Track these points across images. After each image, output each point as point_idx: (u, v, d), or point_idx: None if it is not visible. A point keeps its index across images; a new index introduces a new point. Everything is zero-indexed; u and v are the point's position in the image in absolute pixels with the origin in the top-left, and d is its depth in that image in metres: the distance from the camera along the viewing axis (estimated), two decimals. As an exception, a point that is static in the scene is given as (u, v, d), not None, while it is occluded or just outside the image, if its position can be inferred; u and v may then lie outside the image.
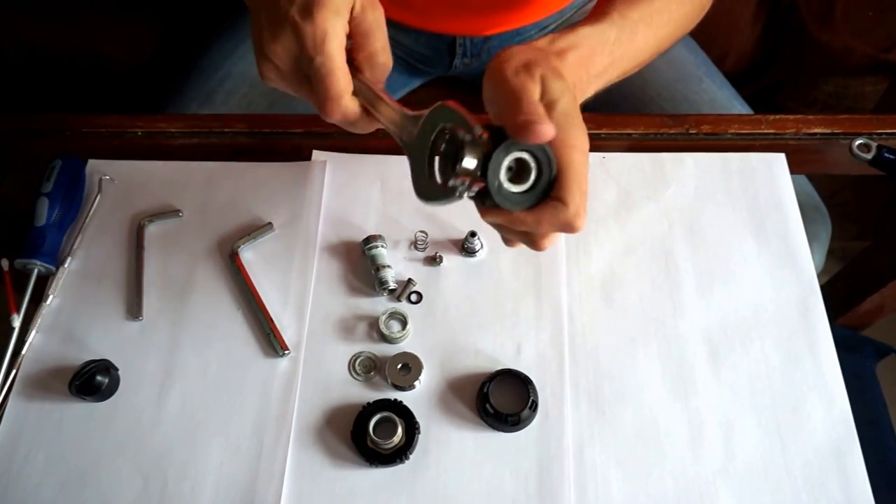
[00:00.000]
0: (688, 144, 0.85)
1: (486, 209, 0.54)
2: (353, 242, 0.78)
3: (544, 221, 0.53)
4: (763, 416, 0.68)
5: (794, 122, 0.85)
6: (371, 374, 0.70)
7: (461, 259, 0.77)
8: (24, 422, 0.69)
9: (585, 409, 0.68)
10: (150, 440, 0.67)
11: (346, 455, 0.66)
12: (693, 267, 0.76)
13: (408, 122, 0.57)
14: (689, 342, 0.72)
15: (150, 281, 0.76)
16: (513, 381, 0.68)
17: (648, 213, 0.79)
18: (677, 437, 0.67)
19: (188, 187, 0.82)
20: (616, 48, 0.66)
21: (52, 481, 0.66)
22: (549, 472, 0.65)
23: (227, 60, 1.01)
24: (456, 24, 1.00)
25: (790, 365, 0.70)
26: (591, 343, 0.72)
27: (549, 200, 0.53)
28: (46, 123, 0.87)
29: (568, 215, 0.52)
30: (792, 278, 0.75)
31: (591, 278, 0.75)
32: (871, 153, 0.79)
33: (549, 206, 0.53)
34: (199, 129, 0.86)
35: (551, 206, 0.53)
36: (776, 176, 0.82)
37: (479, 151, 0.51)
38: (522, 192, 0.53)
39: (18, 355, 0.71)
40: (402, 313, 0.72)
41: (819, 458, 0.66)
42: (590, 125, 0.83)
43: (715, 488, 0.65)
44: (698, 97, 1.01)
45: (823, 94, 1.28)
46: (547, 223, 0.53)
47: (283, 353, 0.71)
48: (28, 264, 0.74)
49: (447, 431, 0.67)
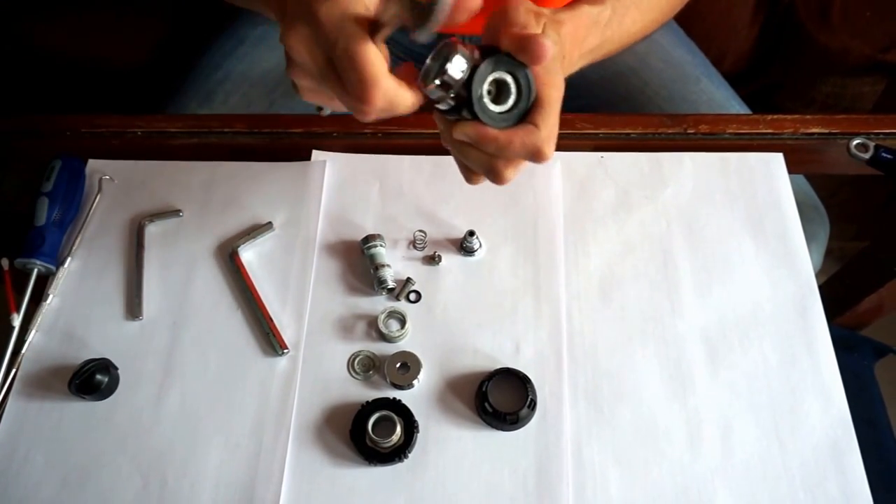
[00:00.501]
0: (686, 144, 0.85)
1: (460, 123, 0.55)
2: (352, 242, 0.78)
3: (516, 141, 0.54)
4: (761, 415, 0.68)
5: (792, 122, 0.85)
6: (370, 373, 0.70)
7: (460, 258, 0.77)
8: (24, 421, 0.69)
9: (584, 408, 0.68)
10: (150, 439, 0.68)
11: (345, 453, 0.67)
12: (691, 266, 0.76)
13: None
14: (687, 341, 0.72)
15: (150, 280, 0.76)
16: (511, 380, 0.68)
17: (647, 212, 0.80)
18: (675, 437, 0.67)
19: (188, 187, 0.82)
20: (607, 29, 0.68)
21: (51, 480, 0.66)
22: (548, 470, 0.65)
23: (226, 60, 1.01)
24: (455, 24, 1.00)
25: (788, 364, 0.70)
26: (590, 342, 0.72)
27: (523, 123, 0.55)
28: (46, 123, 0.87)
29: (539, 138, 0.54)
30: (790, 278, 0.75)
31: (589, 277, 0.76)
32: (869, 153, 0.79)
33: (523, 128, 0.55)
34: (198, 128, 0.87)
35: (524, 128, 0.55)
36: (774, 176, 0.82)
37: (468, 62, 0.52)
38: (500, 112, 0.55)
39: (18, 354, 0.71)
40: (401, 312, 0.73)
41: (817, 457, 0.66)
42: (588, 125, 0.85)
43: (713, 487, 0.65)
44: (696, 97, 1.01)
45: (822, 94, 1.28)
46: (518, 145, 0.55)
47: (283, 352, 0.71)
48: (28, 264, 0.75)
49: (446, 430, 0.68)
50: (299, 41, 0.54)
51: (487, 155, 0.57)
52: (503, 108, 0.55)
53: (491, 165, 0.57)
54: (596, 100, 1.02)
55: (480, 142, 0.55)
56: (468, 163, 0.59)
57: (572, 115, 0.85)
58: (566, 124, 0.84)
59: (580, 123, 0.85)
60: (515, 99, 0.55)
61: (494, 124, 0.54)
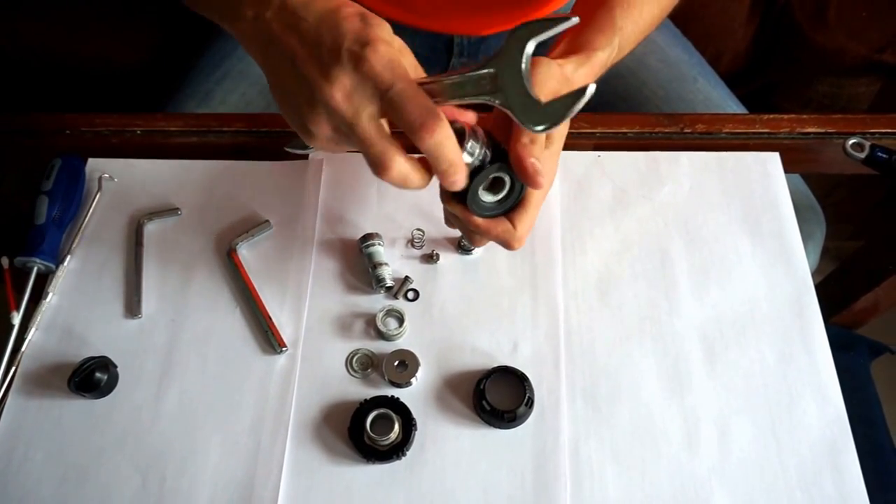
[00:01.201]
0: (683, 143, 0.85)
1: (452, 201, 0.61)
2: (350, 240, 0.78)
3: (492, 232, 0.62)
4: (758, 413, 0.68)
5: (789, 122, 0.85)
6: (368, 371, 0.71)
7: (458, 257, 0.77)
8: (24, 418, 0.69)
9: (581, 406, 0.69)
10: (149, 436, 0.68)
11: (344, 451, 0.67)
12: (688, 265, 0.76)
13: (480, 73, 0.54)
14: (684, 340, 0.72)
15: (149, 278, 0.76)
16: (509, 379, 0.69)
17: (644, 211, 0.80)
18: (673, 435, 0.67)
19: (187, 186, 0.82)
20: (609, 61, 0.70)
21: (51, 477, 0.66)
22: (545, 468, 0.66)
23: (225, 60, 1.01)
24: (454, 24, 1.01)
25: (785, 363, 0.71)
26: (587, 340, 0.72)
27: (503, 219, 0.62)
28: (46, 122, 0.87)
29: (513, 236, 0.62)
30: (786, 277, 0.76)
31: (586, 276, 0.76)
32: (865, 152, 0.80)
33: (502, 223, 0.62)
34: (197, 128, 0.87)
35: (503, 224, 0.62)
36: (771, 175, 0.82)
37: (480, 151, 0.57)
38: (488, 202, 0.61)
39: (18, 352, 0.71)
40: (399, 311, 0.73)
41: (813, 456, 0.66)
42: (585, 124, 0.85)
43: (710, 485, 0.65)
44: (693, 97, 1.01)
45: (818, 94, 1.28)
46: (493, 234, 0.62)
47: (281, 350, 0.71)
48: (28, 262, 0.75)
49: (444, 428, 0.68)
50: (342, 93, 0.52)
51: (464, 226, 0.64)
52: (493, 198, 0.61)
53: (468, 234, 0.66)
54: (593, 99, 1.02)
55: (464, 222, 0.62)
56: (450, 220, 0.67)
57: (570, 115, 0.85)
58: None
59: (578, 122, 0.85)
60: (506, 195, 0.61)
61: (480, 213, 0.61)
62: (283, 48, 0.55)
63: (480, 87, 0.54)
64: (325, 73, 0.52)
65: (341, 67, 0.52)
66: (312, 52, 0.53)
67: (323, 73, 0.53)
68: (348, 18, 0.53)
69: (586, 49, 0.68)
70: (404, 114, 0.52)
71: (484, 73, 0.54)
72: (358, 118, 0.53)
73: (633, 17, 0.72)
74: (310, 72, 0.53)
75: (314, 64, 0.53)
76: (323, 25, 0.54)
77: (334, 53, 0.52)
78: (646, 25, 0.75)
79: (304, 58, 0.54)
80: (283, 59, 0.55)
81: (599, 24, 0.70)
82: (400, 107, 0.52)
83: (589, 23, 0.70)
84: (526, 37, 0.53)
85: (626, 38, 0.71)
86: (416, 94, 0.52)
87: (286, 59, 0.55)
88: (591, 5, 0.73)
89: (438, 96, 0.55)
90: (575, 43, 0.69)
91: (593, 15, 0.71)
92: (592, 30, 0.70)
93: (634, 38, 0.74)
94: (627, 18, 0.71)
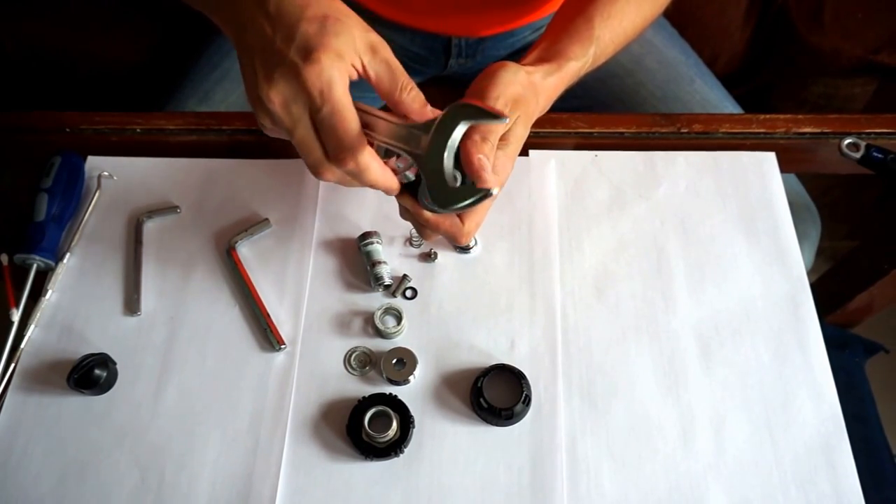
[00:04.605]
0: (679, 143, 0.86)
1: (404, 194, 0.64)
2: (348, 239, 0.78)
3: (441, 226, 0.65)
4: (753, 411, 0.69)
5: (785, 122, 0.86)
6: (366, 369, 0.71)
7: (455, 255, 0.78)
8: (23, 415, 0.69)
9: (578, 404, 0.69)
10: (148, 433, 0.68)
11: (342, 448, 0.67)
12: (684, 264, 0.77)
13: (414, 131, 0.58)
14: (680, 338, 0.72)
15: (148, 276, 0.76)
16: (506, 376, 0.69)
17: (640, 210, 0.80)
18: (669, 432, 0.68)
19: (186, 184, 0.82)
20: (583, 70, 0.72)
21: (50, 474, 0.66)
22: (542, 465, 0.66)
23: (225, 59, 1.02)
24: (451, 25, 1.01)
25: (780, 361, 0.71)
26: (584, 339, 0.72)
27: (452, 214, 0.64)
28: (46, 120, 0.88)
29: (460, 231, 0.66)
30: (782, 276, 0.76)
31: (584, 275, 0.76)
32: (860, 152, 0.80)
33: (450, 218, 0.65)
34: (197, 126, 0.87)
35: (451, 219, 0.65)
36: (766, 175, 0.82)
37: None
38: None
39: (17, 349, 0.72)
40: (397, 309, 0.73)
41: (808, 454, 0.67)
42: (582, 124, 0.86)
43: (705, 482, 0.65)
44: (690, 97, 1.02)
45: (813, 94, 1.29)
46: (442, 228, 0.65)
47: (280, 348, 0.72)
48: (27, 259, 0.75)
49: (441, 425, 0.68)
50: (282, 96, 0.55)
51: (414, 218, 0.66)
52: None
53: (418, 228, 0.68)
54: (591, 100, 1.03)
55: (414, 215, 0.65)
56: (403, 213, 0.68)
57: (567, 115, 0.85)
58: (561, 123, 0.85)
59: (575, 122, 0.85)
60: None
61: (430, 207, 0.62)
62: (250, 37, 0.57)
63: (410, 141, 0.58)
64: (269, 75, 0.55)
65: (281, 73, 0.54)
66: (266, 47, 0.55)
67: (266, 76, 0.55)
68: (307, 20, 0.54)
69: (559, 58, 0.69)
70: (327, 140, 0.56)
71: (416, 133, 0.58)
72: (295, 128, 0.56)
73: (613, 27, 0.73)
74: (258, 69, 0.56)
75: (262, 62, 0.55)
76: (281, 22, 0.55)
77: (281, 56, 0.54)
78: (625, 36, 0.76)
79: (259, 51, 0.56)
80: (247, 48, 0.57)
81: (577, 33, 0.71)
82: (324, 131, 0.55)
83: (567, 30, 0.71)
84: (461, 116, 0.57)
85: (602, 48, 0.72)
86: (340, 122, 0.54)
87: (248, 49, 0.57)
88: (571, 12, 0.73)
89: (371, 129, 0.59)
90: (550, 50, 0.70)
91: (572, 22, 0.72)
92: (569, 38, 0.71)
93: (612, 48, 0.75)
94: (606, 28, 0.72)
